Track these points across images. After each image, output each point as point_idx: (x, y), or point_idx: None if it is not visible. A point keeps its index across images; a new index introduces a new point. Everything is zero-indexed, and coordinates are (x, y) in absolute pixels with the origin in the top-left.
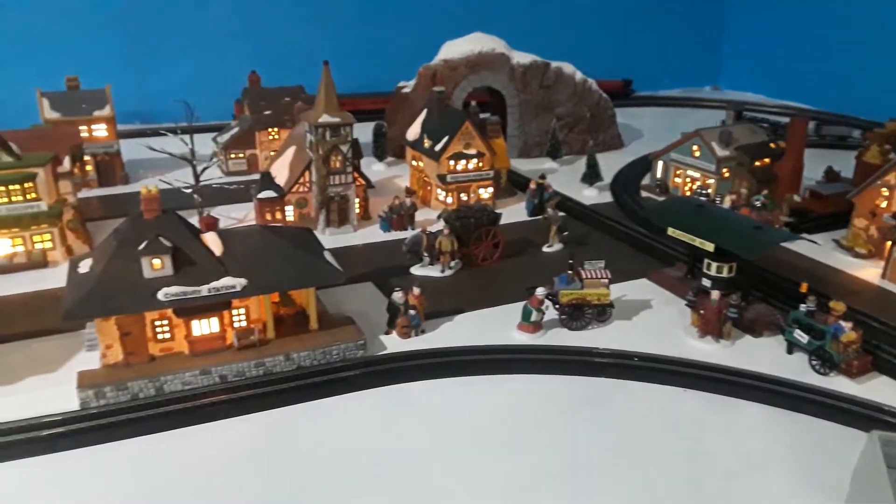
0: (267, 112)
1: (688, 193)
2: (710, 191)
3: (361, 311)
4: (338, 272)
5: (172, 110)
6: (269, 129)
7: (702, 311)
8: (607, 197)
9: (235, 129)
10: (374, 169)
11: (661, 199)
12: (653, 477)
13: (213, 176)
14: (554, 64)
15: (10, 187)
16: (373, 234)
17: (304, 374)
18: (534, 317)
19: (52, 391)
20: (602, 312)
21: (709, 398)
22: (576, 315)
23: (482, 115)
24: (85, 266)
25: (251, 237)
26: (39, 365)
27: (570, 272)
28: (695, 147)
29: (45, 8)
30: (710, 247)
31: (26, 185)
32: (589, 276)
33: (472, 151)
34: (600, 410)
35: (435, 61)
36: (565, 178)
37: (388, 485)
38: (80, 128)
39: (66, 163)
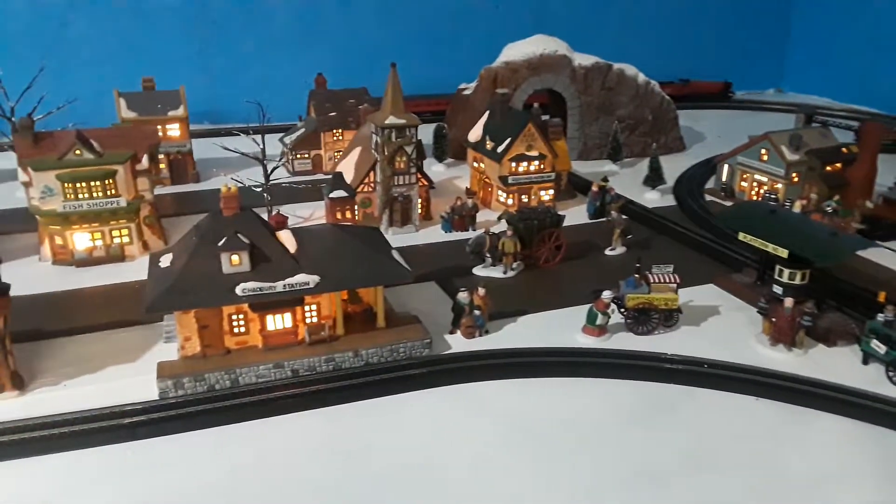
0: (332, 113)
1: (754, 198)
2: (778, 196)
3: (425, 311)
4: (405, 271)
5: (240, 111)
6: (334, 130)
7: (774, 319)
8: (670, 200)
9: (301, 130)
10: (433, 170)
11: (727, 203)
12: (724, 488)
13: (280, 175)
14: (616, 65)
15: (92, 183)
16: (434, 234)
17: (372, 370)
18: (599, 320)
19: (131, 380)
20: (669, 317)
21: (782, 408)
22: (642, 319)
23: (543, 117)
24: (165, 261)
25: (323, 235)
26: (119, 355)
27: (637, 276)
28: (763, 150)
29: (122, 11)
30: (783, 253)
31: (107, 181)
32: (657, 280)
33: (534, 153)
34: (670, 417)
35: (496, 63)
36: (626, 180)
37: (454, 484)
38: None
39: (145, 161)
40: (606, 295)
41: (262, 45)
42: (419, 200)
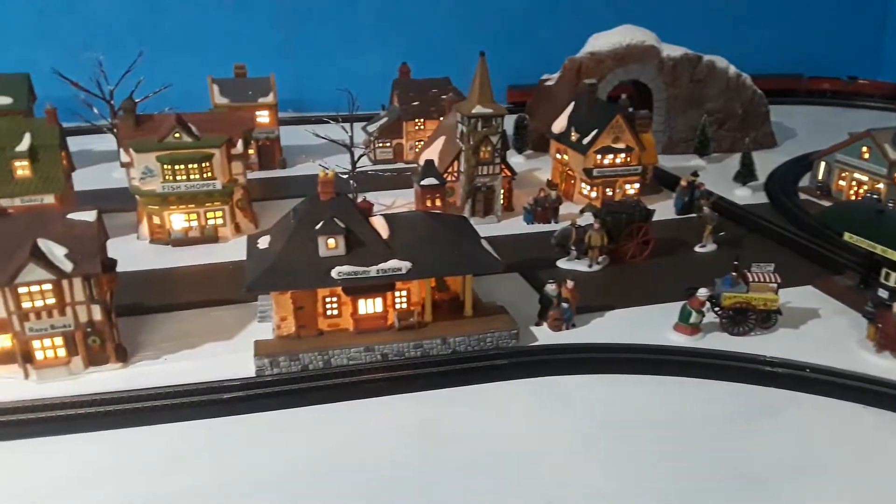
0: (415, 103)
1: (853, 197)
2: (880, 196)
3: (508, 301)
4: (496, 261)
5: (322, 99)
6: (416, 120)
7: (880, 325)
8: (762, 198)
9: (384, 119)
10: (513, 161)
11: (824, 202)
12: (827, 497)
13: (362, 163)
14: (706, 57)
15: (190, 166)
16: (515, 225)
17: (459, 358)
18: (693, 318)
19: (228, 357)
20: (766, 319)
21: (891, 418)
22: (738, 319)
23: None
24: (263, 242)
25: (415, 222)
26: (215, 332)
27: (735, 273)
28: (864, 148)
29: (216, 0)
30: (894, 256)
31: (204, 164)
32: (756, 280)
33: (621, 146)
34: (769, 421)
35: (580, 54)
36: (714, 176)
37: (541, 476)
38: None
39: (240, 145)
40: (702, 293)
41: (346, 35)
42: (502, 191)
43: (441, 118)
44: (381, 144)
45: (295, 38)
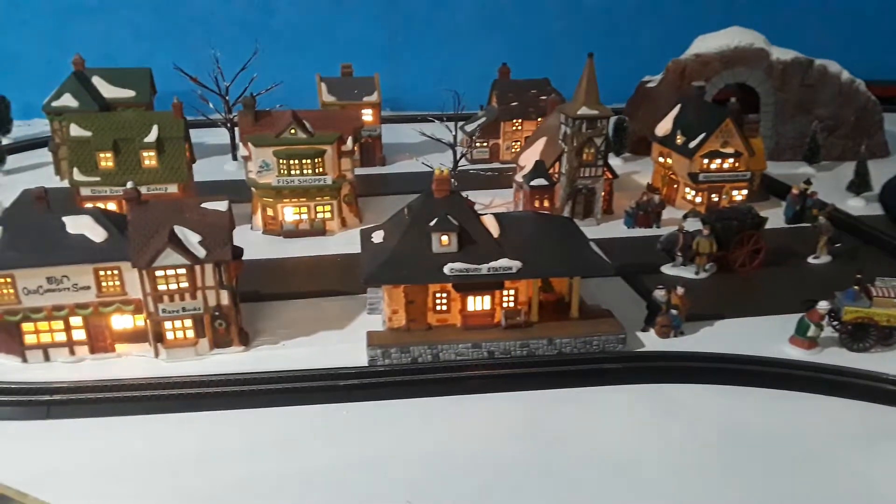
0: (513, 103)
1: None
2: None
3: (611, 306)
4: (607, 264)
5: (420, 99)
6: (514, 120)
7: None
8: (877, 209)
9: (482, 119)
10: (610, 164)
11: None
12: None
13: (461, 162)
14: (818, 61)
15: (303, 161)
16: (615, 228)
17: (565, 360)
18: (811, 332)
19: (341, 346)
20: (889, 335)
21: None
22: (859, 335)
23: None
24: (377, 237)
25: (524, 222)
26: (327, 321)
27: (857, 287)
28: None
29: (324, 1)
30: None
31: (316, 160)
32: (880, 295)
33: (730, 150)
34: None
35: (685, 55)
36: (825, 184)
37: (652, 485)
38: None
39: (349, 142)
40: (822, 305)
41: (447, 36)
42: (602, 193)
43: (539, 119)
44: (478, 144)
45: (397, 39)
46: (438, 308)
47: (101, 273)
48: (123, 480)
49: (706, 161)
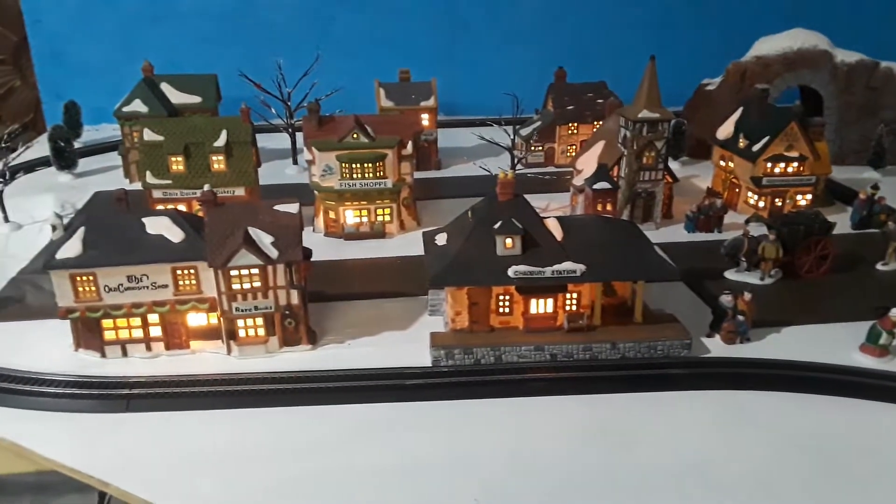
0: (570, 107)
1: None
2: None
3: (673, 310)
4: (672, 268)
5: (474, 103)
6: (570, 124)
7: None
8: None
9: (538, 123)
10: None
11: None
12: None
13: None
14: (884, 64)
15: (365, 165)
16: (674, 233)
17: (629, 364)
18: (883, 339)
19: (404, 346)
20: None
21: None
22: None
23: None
24: (441, 239)
25: (588, 225)
26: (390, 322)
27: None
28: None
29: (381, 8)
30: None
31: (377, 164)
32: None
33: (794, 154)
34: None
35: (746, 58)
36: (891, 189)
37: (724, 493)
38: None
39: (409, 147)
40: (894, 313)
41: (502, 40)
42: (662, 197)
43: (595, 122)
44: (533, 148)
45: (452, 44)
46: (501, 310)
47: (179, 272)
48: (200, 472)
49: (770, 165)
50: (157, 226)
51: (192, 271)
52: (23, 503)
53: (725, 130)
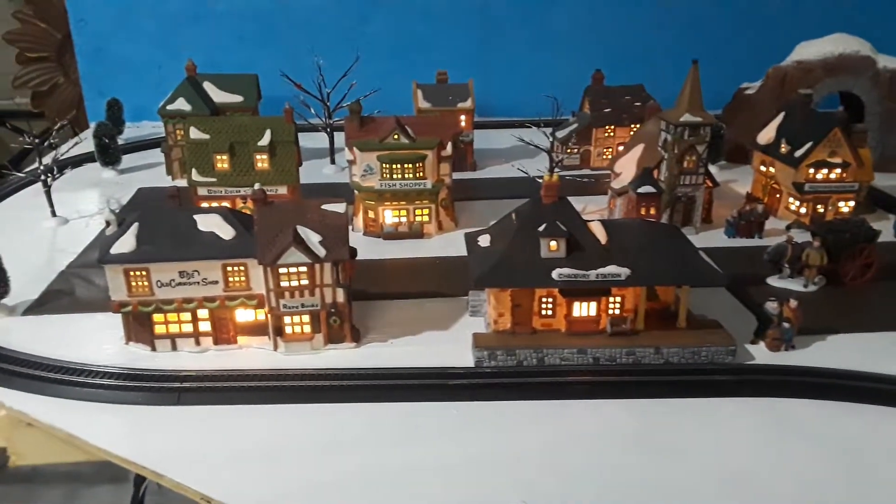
0: (607, 110)
1: None
2: None
3: (715, 316)
4: (719, 274)
5: (512, 105)
6: (607, 127)
7: None
8: None
9: (574, 125)
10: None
11: None
12: None
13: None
14: None
15: (405, 165)
16: (714, 238)
17: (673, 369)
18: None
19: (446, 346)
20: None
21: None
22: None
23: None
24: (484, 241)
25: (632, 229)
26: (431, 322)
27: None
28: None
29: (416, 9)
30: None
31: (417, 164)
32: None
33: (837, 160)
34: None
35: (786, 62)
36: None
37: (765, 500)
38: None
39: (449, 148)
40: None
41: (539, 42)
42: (702, 202)
43: (632, 125)
44: (568, 150)
45: (485, 45)
46: (544, 313)
47: (229, 269)
48: (249, 464)
49: (812, 171)
50: (209, 223)
51: (241, 268)
52: (56, 492)
53: (767, 135)
